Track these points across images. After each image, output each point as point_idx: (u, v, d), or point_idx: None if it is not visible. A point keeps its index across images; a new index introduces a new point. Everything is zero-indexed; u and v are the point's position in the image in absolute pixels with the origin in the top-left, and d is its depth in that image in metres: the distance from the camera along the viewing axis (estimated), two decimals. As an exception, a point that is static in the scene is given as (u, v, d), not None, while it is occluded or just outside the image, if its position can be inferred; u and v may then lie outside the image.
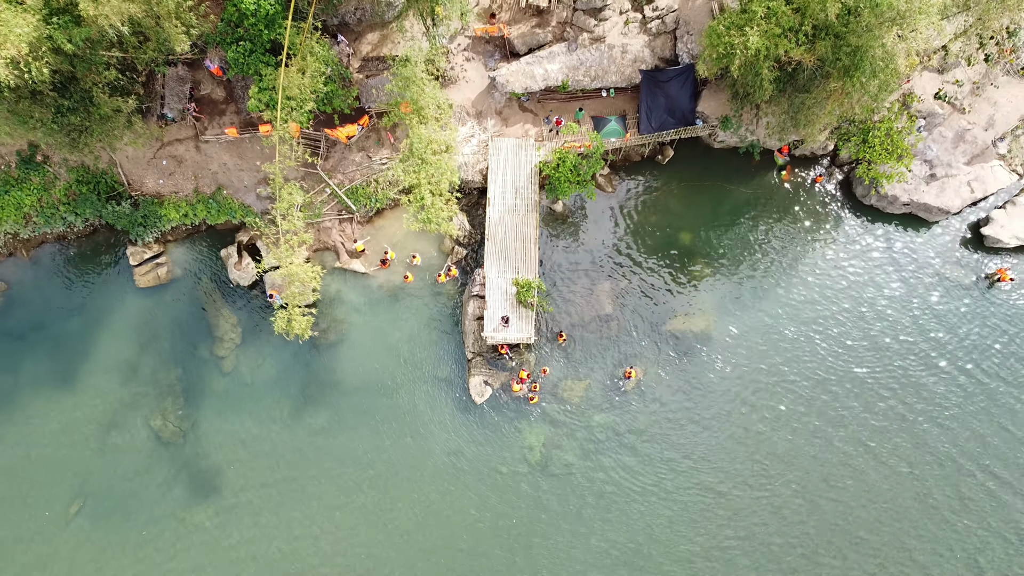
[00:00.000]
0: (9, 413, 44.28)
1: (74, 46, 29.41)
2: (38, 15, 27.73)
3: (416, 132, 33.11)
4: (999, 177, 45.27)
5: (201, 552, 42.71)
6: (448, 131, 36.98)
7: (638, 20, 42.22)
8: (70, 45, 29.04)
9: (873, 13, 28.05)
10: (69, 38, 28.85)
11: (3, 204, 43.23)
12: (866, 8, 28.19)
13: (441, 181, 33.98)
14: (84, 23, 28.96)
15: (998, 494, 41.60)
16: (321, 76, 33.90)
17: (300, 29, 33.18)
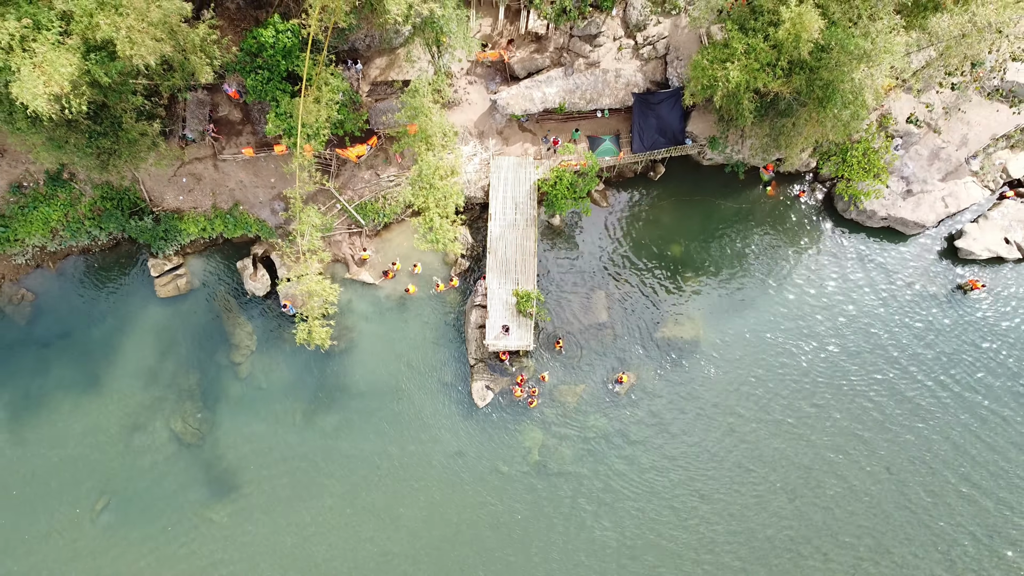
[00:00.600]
0: (37, 416, 46.85)
1: (109, 79, 32.09)
2: (78, 53, 30.36)
3: (425, 159, 35.71)
4: (972, 193, 47.95)
5: (219, 547, 45.27)
6: (454, 156, 39.55)
7: (631, 46, 44.86)
8: (106, 79, 31.71)
9: (843, 51, 30.72)
10: (106, 72, 31.52)
11: (32, 219, 45.80)
12: (836, 47, 30.85)
13: (448, 204, 36.55)
14: (119, 58, 31.58)
15: (973, 497, 44.23)
16: (335, 105, 36.50)
17: (316, 60, 35.75)
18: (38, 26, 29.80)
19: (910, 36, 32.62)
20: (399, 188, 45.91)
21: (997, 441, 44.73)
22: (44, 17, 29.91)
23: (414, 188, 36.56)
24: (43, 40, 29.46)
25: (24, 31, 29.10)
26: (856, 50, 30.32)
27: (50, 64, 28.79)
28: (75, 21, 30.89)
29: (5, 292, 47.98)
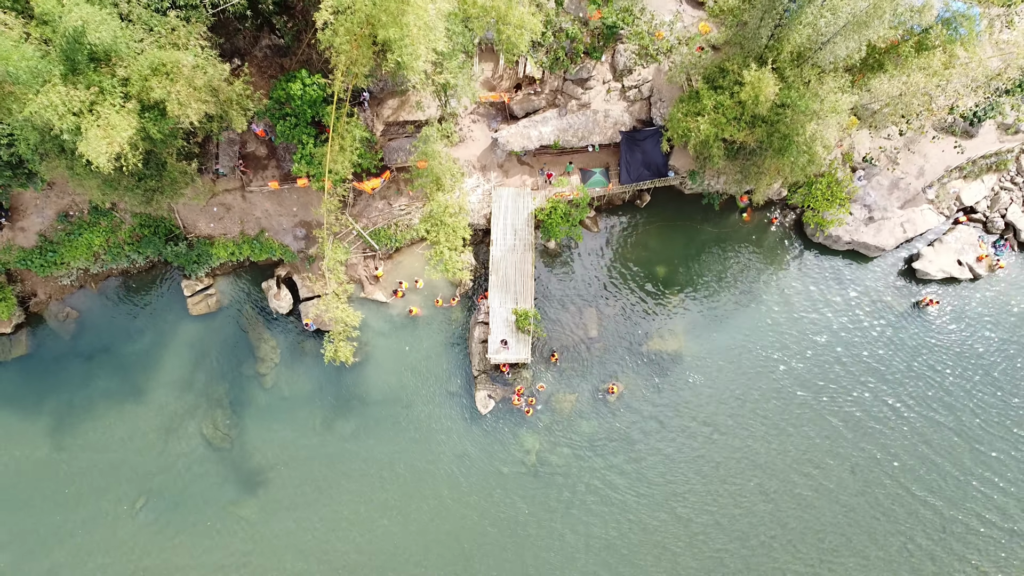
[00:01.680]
0: (82, 422, 51.77)
1: (161, 135, 36.98)
2: (135, 114, 35.16)
3: (436, 199, 40.51)
4: (928, 219, 52.84)
5: (248, 542, 50.21)
6: (461, 195, 44.28)
7: (618, 89, 49.71)
8: (159, 135, 36.59)
9: (796, 110, 35.54)
10: (158, 129, 36.38)
11: (77, 244, 50.68)
12: (791, 106, 35.66)
13: (456, 238, 41.33)
14: (168, 116, 36.46)
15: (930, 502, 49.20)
16: (356, 151, 41.30)
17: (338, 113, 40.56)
18: (103, 92, 34.65)
19: (856, 94, 37.40)
20: (409, 216, 50.80)
21: (944, 442, 49.66)
22: (108, 84, 34.76)
23: (426, 224, 41.36)
24: (107, 105, 34.32)
25: (93, 97, 33.96)
26: (807, 110, 35.16)
27: (113, 126, 33.62)
28: (131, 84, 35.73)
29: (52, 310, 52.91)
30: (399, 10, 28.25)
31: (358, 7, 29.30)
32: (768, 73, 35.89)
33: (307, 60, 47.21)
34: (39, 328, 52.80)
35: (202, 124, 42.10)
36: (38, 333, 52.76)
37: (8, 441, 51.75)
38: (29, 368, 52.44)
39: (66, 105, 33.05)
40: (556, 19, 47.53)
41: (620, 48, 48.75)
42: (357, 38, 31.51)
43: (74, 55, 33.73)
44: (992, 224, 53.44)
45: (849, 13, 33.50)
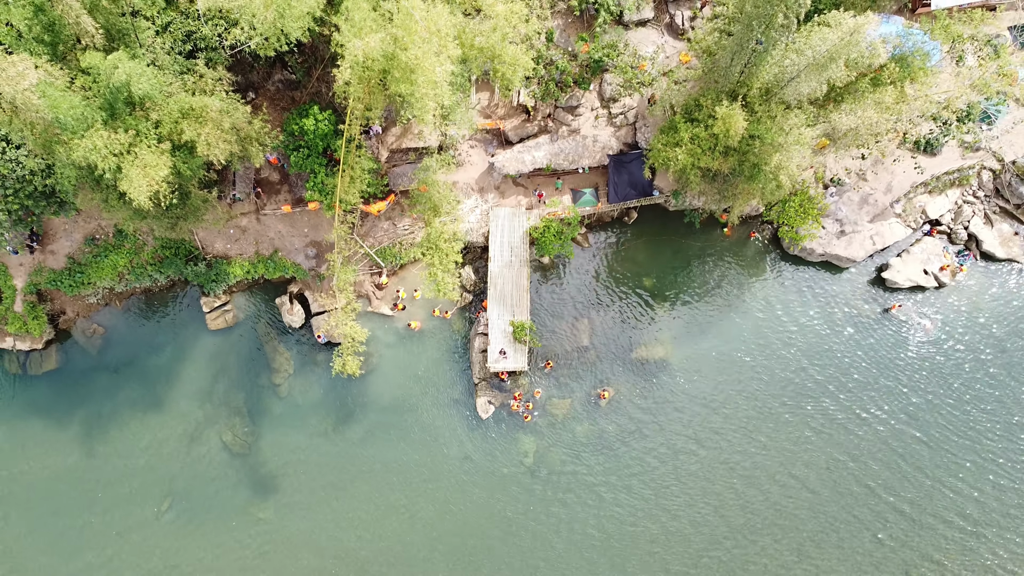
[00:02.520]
0: (109, 431, 55.45)
1: (190, 171, 40.74)
2: (167, 154, 38.87)
3: (433, 226, 44.26)
4: (896, 232, 56.75)
5: (265, 540, 53.93)
6: (456, 223, 47.89)
7: (606, 116, 53.58)
8: (188, 172, 40.35)
9: (763, 142, 39.37)
10: (188, 167, 40.14)
11: (102, 265, 54.35)
12: (759, 139, 39.50)
13: (448, 262, 44.97)
14: (197, 155, 40.23)
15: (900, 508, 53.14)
16: (364, 181, 45.07)
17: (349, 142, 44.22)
18: (139, 134, 38.40)
19: (819, 127, 41.26)
20: (413, 235, 54.61)
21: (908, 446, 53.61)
22: (144, 127, 38.51)
23: (423, 248, 45.11)
24: (144, 146, 38.07)
25: (131, 140, 37.69)
26: (773, 142, 39.01)
27: (150, 166, 37.37)
28: (162, 126, 39.50)
29: (79, 327, 56.62)
30: (409, 70, 32.03)
31: (373, 67, 33.08)
32: (738, 108, 39.76)
33: (316, 93, 51.02)
34: (68, 344, 56.50)
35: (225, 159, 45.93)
36: (67, 348, 56.45)
37: (41, 449, 55.41)
38: (60, 381, 56.12)
39: (108, 148, 36.72)
40: (547, 53, 51.37)
41: (607, 78, 52.59)
42: (371, 88, 35.30)
43: (115, 102, 37.46)
44: (956, 236, 57.34)
45: (811, 56, 37.37)
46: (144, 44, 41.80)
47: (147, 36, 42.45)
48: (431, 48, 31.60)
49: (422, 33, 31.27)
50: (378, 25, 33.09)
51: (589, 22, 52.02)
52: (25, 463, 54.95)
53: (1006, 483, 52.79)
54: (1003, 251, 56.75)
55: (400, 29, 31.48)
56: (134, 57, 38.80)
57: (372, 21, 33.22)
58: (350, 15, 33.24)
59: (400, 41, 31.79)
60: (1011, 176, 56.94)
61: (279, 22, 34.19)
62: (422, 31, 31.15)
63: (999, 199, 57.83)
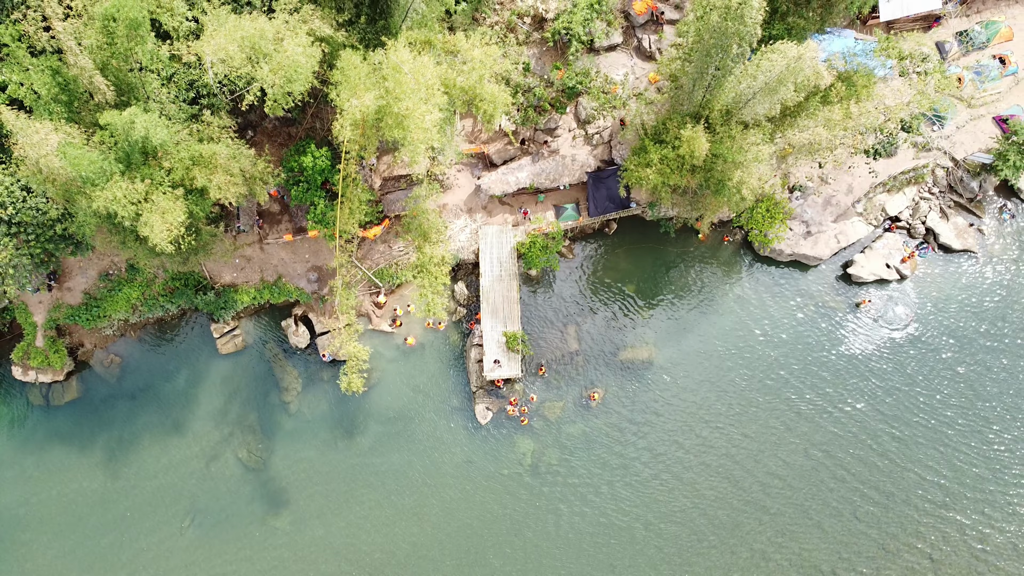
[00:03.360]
0: (130, 454, 58.82)
1: (202, 212, 44.25)
2: (181, 199, 42.34)
3: (423, 251, 47.88)
4: (858, 229, 60.78)
5: (283, 548, 57.42)
6: (444, 247, 51.31)
7: (583, 136, 57.35)
8: (201, 213, 43.86)
9: (725, 160, 43.21)
10: (201, 209, 43.66)
11: (117, 299, 57.71)
12: (717, 160, 43.37)
13: (438, 284, 48.54)
14: (208, 197, 43.76)
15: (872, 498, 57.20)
16: (362, 211, 48.65)
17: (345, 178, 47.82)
18: (154, 182, 41.88)
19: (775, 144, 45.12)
20: (407, 256, 58.25)
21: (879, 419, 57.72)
22: (158, 176, 42.01)
23: (413, 271, 48.73)
24: (159, 193, 41.57)
25: (148, 188, 41.17)
26: (733, 160, 42.85)
27: (169, 212, 40.87)
28: (175, 172, 43.00)
29: (97, 357, 59.98)
30: (401, 119, 35.62)
31: (368, 119, 36.65)
32: (701, 130, 43.61)
33: (312, 128, 54.60)
34: (88, 374, 59.84)
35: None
36: (87, 379, 59.80)
37: (67, 474, 58.70)
38: (81, 410, 59.44)
39: (127, 197, 40.18)
40: (525, 81, 55.08)
41: (582, 101, 56.38)
42: (366, 131, 38.90)
43: (131, 154, 40.95)
44: (915, 230, 61.42)
45: (763, 80, 41.22)
46: (152, 96, 45.24)
47: (154, 88, 45.88)
48: (420, 98, 35.24)
49: (411, 85, 34.88)
50: (371, 81, 36.70)
51: (562, 50, 55.78)
52: (54, 488, 58.22)
53: (965, 463, 56.96)
54: (959, 242, 60.87)
55: (391, 82, 35.09)
56: (146, 110, 42.26)
57: (366, 77, 36.83)
58: (345, 74, 36.87)
59: (392, 93, 35.41)
60: (962, 172, 61.14)
61: (287, 86, 37.71)
62: (411, 83, 34.77)
63: (953, 194, 61.99)
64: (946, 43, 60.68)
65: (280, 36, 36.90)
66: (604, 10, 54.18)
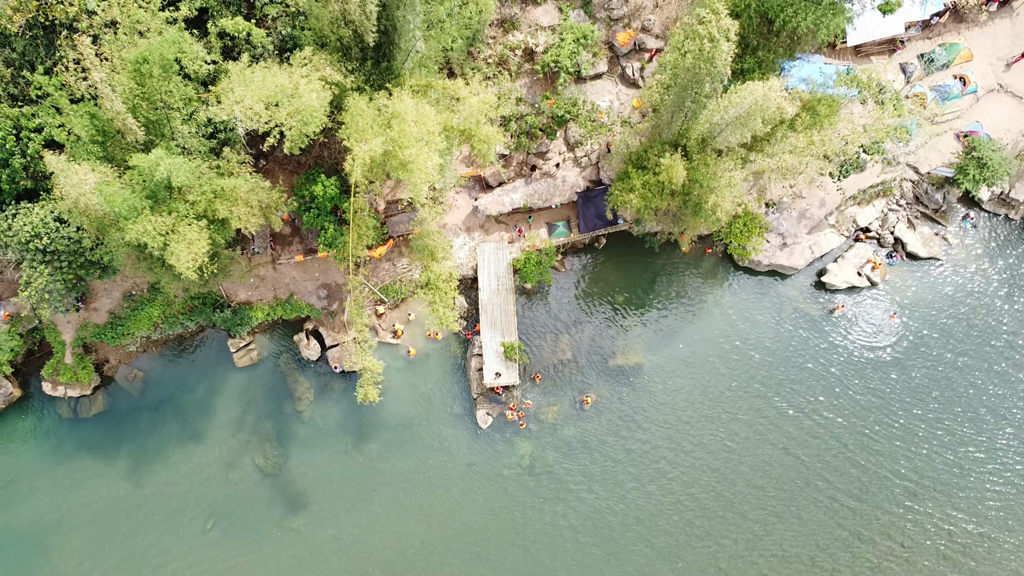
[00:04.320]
0: (154, 463, 62.83)
1: (224, 240, 48.34)
2: (205, 229, 46.40)
3: (430, 269, 51.97)
4: (831, 240, 65.06)
5: (299, 547, 61.50)
6: (450, 264, 55.40)
7: (572, 158, 61.56)
8: (222, 241, 47.93)
9: (701, 186, 47.45)
10: (223, 238, 47.74)
11: (139, 318, 61.70)
12: (694, 185, 47.62)
13: (448, 299, 52.63)
14: (229, 226, 47.86)
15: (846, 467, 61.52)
16: (370, 236, 52.74)
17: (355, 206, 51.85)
18: (180, 215, 45.96)
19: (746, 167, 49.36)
20: (410, 273, 62.41)
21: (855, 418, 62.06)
22: (183, 209, 46.09)
23: (424, 289, 52.85)
24: (185, 225, 45.66)
25: (174, 221, 45.26)
26: (708, 185, 47.08)
27: (192, 241, 44.97)
28: (197, 205, 47.06)
29: (121, 372, 64.02)
30: (405, 163, 39.78)
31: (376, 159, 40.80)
32: (679, 158, 47.84)
33: (320, 156, 58.66)
34: (113, 388, 63.89)
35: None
36: (112, 392, 63.83)
37: (95, 483, 62.65)
38: (107, 421, 63.47)
39: (156, 229, 44.27)
40: (518, 109, 59.27)
41: (571, 127, 60.58)
42: (373, 170, 43.05)
43: (157, 191, 45.05)
44: (884, 240, 65.76)
45: (733, 114, 45.43)
46: (175, 132, 49.31)
47: (176, 125, 49.94)
48: (422, 145, 39.41)
49: (414, 133, 39.03)
50: (378, 126, 40.83)
51: (552, 80, 59.97)
52: (83, 495, 62.19)
53: (936, 454, 61.31)
54: (925, 251, 65.18)
55: (395, 131, 39.27)
56: (168, 150, 46.29)
57: (372, 120, 40.95)
58: (354, 118, 41.03)
59: (396, 141, 39.61)
60: (927, 185, 65.49)
61: (304, 128, 41.82)
62: (414, 131, 38.91)
63: (919, 205, 66.33)
64: (909, 64, 65.09)
65: (296, 84, 40.93)
66: (590, 43, 58.34)
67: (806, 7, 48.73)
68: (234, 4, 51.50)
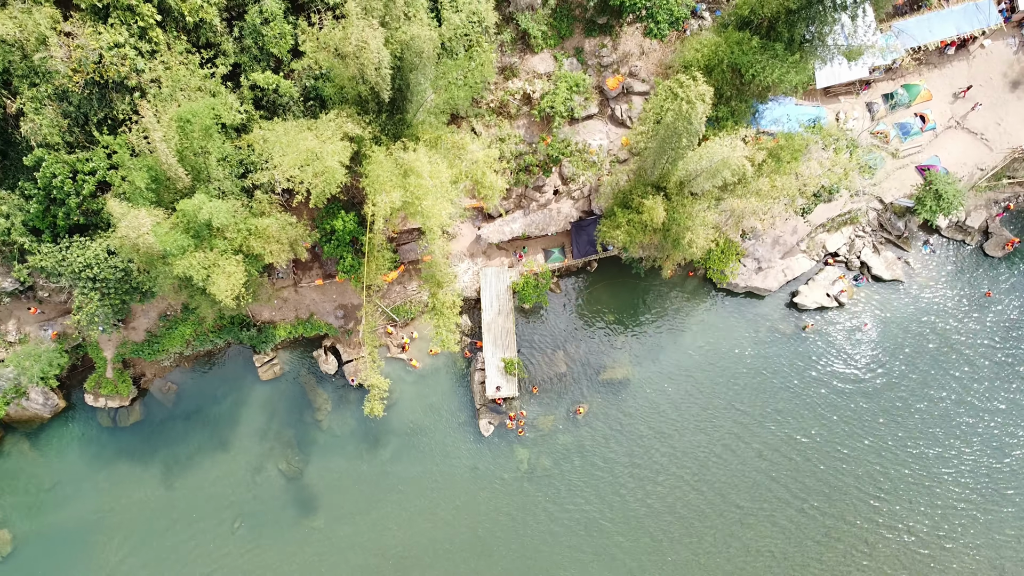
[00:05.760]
0: (186, 469, 69.04)
1: (256, 271, 54.66)
2: (241, 263, 52.65)
3: (436, 296, 58.18)
4: (802, 264, 71.43)
5: (319, 545, 67.81)
6: (455, 292, 61.44)
7: (566, 191, 67.88)
8: (256, 273, 54.24)
9: (678, 224, 53.82)
10: (256, 269, 54.04)
11: (173, 336, 67.98)
12: (672, 223, 54.05)
13: (451, 323, 58.72)
14: (262, 259, 54.17)
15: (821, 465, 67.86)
16: (384, 266, 59.01)
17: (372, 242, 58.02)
18: (219, 251, 52.24)
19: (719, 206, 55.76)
20: (420, 295, 68.75)
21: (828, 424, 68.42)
22: (222, 245, 52.40)
23: (430, 314, 59.04)
24: (224, 259, 51.95)
25: (216, 257, 51.54)
26: (683, 224, 53.45)
27: (232, 275, 51.27)
28: (234, 241, 53.33)
29: (156, 385, 70.33)
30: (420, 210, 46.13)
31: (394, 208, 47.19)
32: (660, 200, 54.18)
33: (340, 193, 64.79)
34: (149, 399, 70.17)
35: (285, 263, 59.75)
36: (148, 403, 70.12)
37: (132, 486, 68.88)
38: (143, 430, 69.73)
39: (200, 264, 50.57)
40: (517, 148, 65.61)
41: (565, 163, 66.90)
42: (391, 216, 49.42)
43: (200, 231, 51.36)
44: (851, 264, 72.14)
45: (706, 164, 51.76)
46: (212, 176, 55.61)
47: (213, 168, 56.24)
48: (436, 196, 45.75)
49: (428, 186, 45.35)
50: (396, 177, 47.16)
51: (548, 122, 66.31)
52: (122, 497, 68.40)
53: (898, 461, 67.74)
54: (888, 273, 71.55)
55: (412, 184, 45.60)
56: (207, 193, 52.57)
57: (391, 173, 47.28)
58: (374, 170, 47.38)
59: (412, 193, 45.96)
60: (890, 214, 71.88)
61: (327, 188, 48.17)
62: (428, 185, 45.24)
63: (883, 232, 72.70)
64: (874, 104, 71.50)
65: (322, 148, 47.21)
66: (582, 89, 64.69)
67: (772, 64, 55.08)
68: (263, 60, 57.66)
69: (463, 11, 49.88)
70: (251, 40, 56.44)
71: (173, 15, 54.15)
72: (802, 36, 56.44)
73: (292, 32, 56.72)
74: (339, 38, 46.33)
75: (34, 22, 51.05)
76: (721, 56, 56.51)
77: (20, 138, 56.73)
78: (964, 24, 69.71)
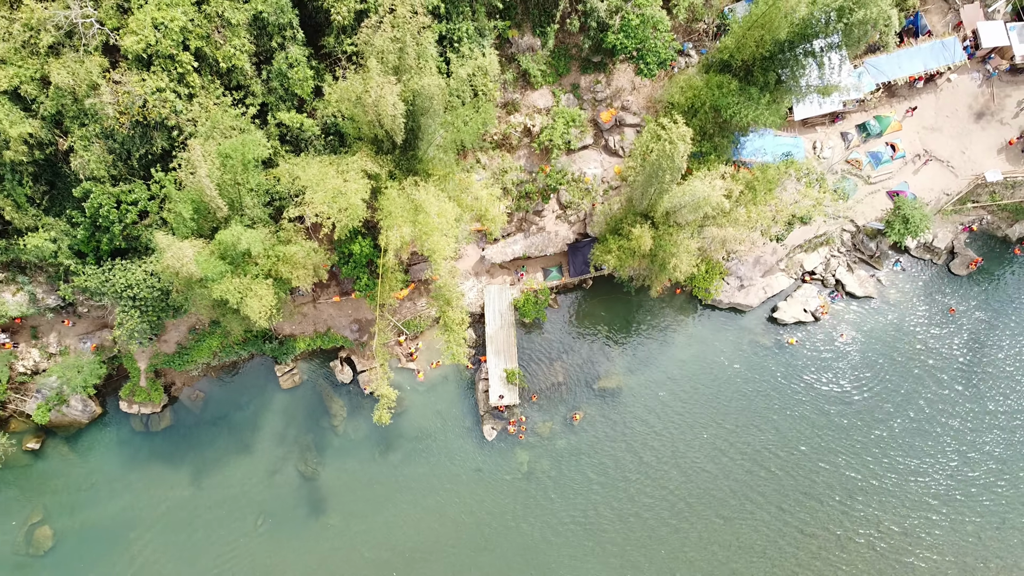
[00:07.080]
0: (212, 469, 74.92)
1: (283, 292, 60.51)
2: (272, 287, 58.47)
3: (446, 314, 64.04)
4: (781, 282, 77.35)
5: (335, 540, 73.58)
6: (463, 310, 67.31)
7: (563, 216, 73.81)
8: (283, 295, 60.14)
9: (663, 251, 59.78)
10: (283, 291, 59.94)
11: (201, 348, 73.85)
12: (659, 249, 59.93)
13: (459, 338, 64.53)
14: (289, 283, 60.08)
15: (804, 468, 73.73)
16: (397, 287, 64.90)
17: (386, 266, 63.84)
18: (252, 276, 58.11)
19: (702, 234, 61.70)
20: (429, 311, 74.68)
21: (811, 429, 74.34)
22: (254, 270, 58.28)
23: (440, 330, 64.88)
24: (256, 283, 57.82)
25: (249, 281, 57.42)
26: (668, 251, 59.42)
27: (263, 296, 57.16)
28: (264, 266, 59.18)
29: (186, 393, 76.24)
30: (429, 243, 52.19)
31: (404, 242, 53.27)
32: (647, 228, 60.08)
33: (355, 217, 70.62)
34: (178, 406, 76.06)
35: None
36: (178, 410, 76.02)
37: (162, 486, 74.73)
38: (173, 434, 75.62)
39: (236, 289, 56.44)
40: (518, 176, 71.55)
41: (562, 190, 72.83)
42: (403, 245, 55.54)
43: (236, 259, 57.26)
44: (827, 282, 78.03)
45: (688, 199, 57.64)
46: (244, 205, 61.46)
47: (245, 198, 62.10)
48: (443, 232, 51.78)
49: (436, 223, 51.34)
50: (408, 212, 53.12)
51: (546, 153, 72.24)
52: (154, 497, 74.25)
53: (872, 468, 73.71)
54: (861, 291, 77.41)
55: (421, 221, 51.63)
56: (242, 221, 58.44)
57: (403, 208, 53.27)
58: (388, 205, 53.35)
59: (422, 229, 52.02)
60: (863, 236, 77.79)
61: (350, 223, 54.08)
62: (436, 222, 51.25)
63: (856, 252, 78.61)
64: (849, 133, 77.41)
65: (345, 185, 53.15)
66: (578, 124, 70.63)
67: (747, 106, 60.96)
68: (288, 100, 63.57)
69: (467, 66, 55.78)
70: (277, 82, 62.27)
71: (208, 61, 59.93)
72: (776, 78, 62.37)
73: (313, 76, 62.58)
74: (360, 91, 52.15)
75: (85, 70, 56.88)
76: (703, 99, 62.40)
77: (68, 171, 62.60)
78: (931, 61, 75.42)
